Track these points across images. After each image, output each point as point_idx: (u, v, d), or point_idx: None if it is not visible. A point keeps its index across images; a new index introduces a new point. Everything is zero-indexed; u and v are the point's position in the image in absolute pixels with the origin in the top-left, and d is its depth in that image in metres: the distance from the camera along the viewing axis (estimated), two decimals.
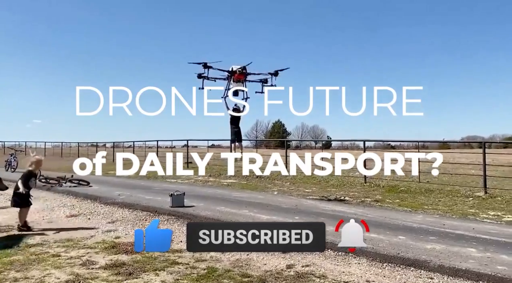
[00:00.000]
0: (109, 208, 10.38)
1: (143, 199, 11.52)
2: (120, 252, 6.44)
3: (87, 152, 34.85)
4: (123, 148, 35.02)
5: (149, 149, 30.50)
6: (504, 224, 8.45)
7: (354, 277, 5.31)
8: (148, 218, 9.16)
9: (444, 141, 26.23)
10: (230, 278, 5.23)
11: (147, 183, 16.45)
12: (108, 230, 8.11)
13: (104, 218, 9.39)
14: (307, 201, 11.57)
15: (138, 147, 32.76)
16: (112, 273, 5.38)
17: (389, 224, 8.28)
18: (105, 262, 5.90)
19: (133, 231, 8.01)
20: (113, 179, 18.39)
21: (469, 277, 5.21)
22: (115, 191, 13.16)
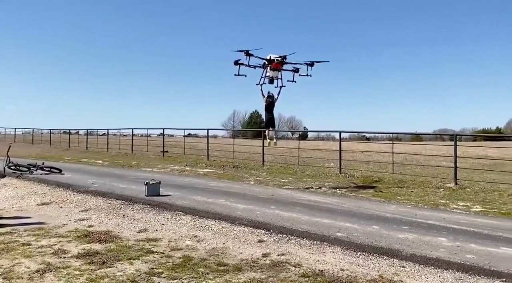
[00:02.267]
0: (82, 197, 10.16)
1: (117, 187, 11.32)
2: (94, 241, 6.32)
3: (60, 139, 34.03)
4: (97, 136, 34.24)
5: (124, 137, 30.01)
6: (473, 214, 8.72)
7: (329, 265, 5.38)
8: (123, 207, 9.02)
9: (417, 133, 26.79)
10: (206, 266, 5.21)
11: (122, 171, 16.18)
12: (81, 219, 7.94)
13: (77, 206, 9.19)
14: (283, 191, 11.64)
15: (113, 135, 32.16)
16: (85, 262, 5.28)
17: (363, 214, 8.42)
18: (77, 251, 5.78)
19: (106, 220, 7.88)
20: (86, 167, 18.02)
21: (439, 265, 5.36)
22: (88, 179, 12.88)
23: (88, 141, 30.20)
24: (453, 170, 13.03)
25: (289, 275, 4.97)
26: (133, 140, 26.01)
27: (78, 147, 30.48)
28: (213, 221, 7.65)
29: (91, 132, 34.59)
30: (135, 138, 26.84)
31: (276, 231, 6.96)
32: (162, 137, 24.92)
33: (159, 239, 6.53)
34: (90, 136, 32.43)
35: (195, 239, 6.56)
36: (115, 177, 13.91)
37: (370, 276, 4.97)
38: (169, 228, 7.29)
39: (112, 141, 28.61)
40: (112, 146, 27.61)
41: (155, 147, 24.55)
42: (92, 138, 32.63)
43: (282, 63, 11.92)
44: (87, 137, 31.18)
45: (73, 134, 38.08)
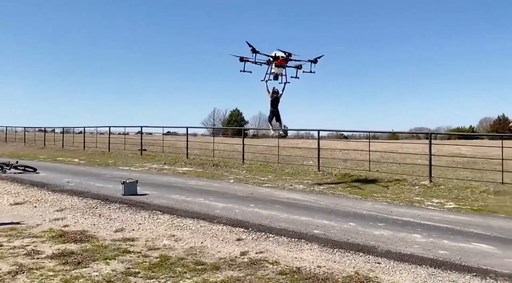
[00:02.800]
0: (57, 196, 9.95)
1: (93, 186, 11.14)
2: (69, 241, 6.21)
3: (35, 138, 33.22)
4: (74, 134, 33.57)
5: (101, 135, 29.51)
6: (446, 211, 8.95)
7: (306, 262, 5.44)
8: (99, 206, 8.88)
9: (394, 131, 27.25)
10: (184, 266, 5.19)
11: (98, 170, 15.92)
12: (56, 219, 7.78)
13: (52, 206, 8.99)
14: (263, 189, 11.68)
15: (90, 133, 31.58)
16: (59, 263, 5.18)
17: (340, 211, 8.53)
18: (51, 251, 5.67)
19: (82, 219, 7.75)
20: (62, 165, 17.66)
21: (413, 261, 5.49)
22: (64, 178, 12.62)
23: (64, 140, 29.55)
24: (428, 168, 13.33)
25: (266, 273, 5.00)
26: (110, 138, 25.58)
27: (54, 146, 29.81)
28: (191, 220, 7.62)
29: (67, 130, 33.92)
30: (112, 136, 26.41)
31: (255, 229, 6.98)
32: (140, 135, 24.61)
33: (136, 239, 6.46)
34: (66, 134, 31.77)
35: (172, 239, 6.52)
36: (92, 176, 13.68)
37: (346, 273, 5.05)
38: (146, 227, 7.22)
39: (88, 139, 28.08)
40: (89, 144, 27.11)
41: (133, 146, 24.24)
42: (69, 136, 31.94)
43: (286, 60, 12.15)
44: (63, 135, 30.54)
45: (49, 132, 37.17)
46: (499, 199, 10.38)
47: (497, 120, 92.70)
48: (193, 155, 20.62)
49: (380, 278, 4.89)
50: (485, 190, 11.48)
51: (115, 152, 23.92)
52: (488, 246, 6.09)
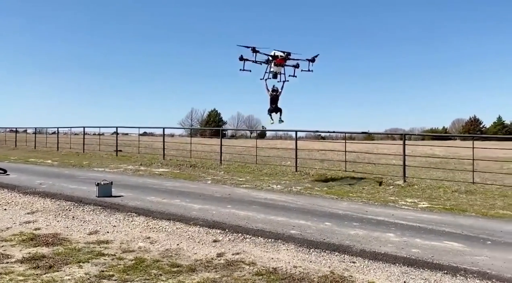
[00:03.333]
0: (28, 198, 9.67)
1: (67, 188, 10.88)
2: (40, 245, 6.04)
3: (5, 138, 32.23)
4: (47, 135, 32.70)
5: (75, 135, 28.89)
6: (419, 210, 9.15)
7: (282, 263, 5.46)
8: (73, 208, 8.68)
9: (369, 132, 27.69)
10: (159, 268, 5.13)
11: (72, 171, 15.56)
12: (26, 222, 7.56)
13: (22, 208, 8.74)
14: (240, 189, 11.66)
15: (63, 134, 30.87)
16: (30, 267, 5.04)
17: (317, 211, 8.61)
18: (22, 255, 5.51)
19: (54, 222, 7.56)
20: (34, 167, 17.18)
21: (387, 260, 5.58)
22: (36, 180, 12.28)
23: (36, 140, 28.79)
24: (402, 168, 13.61)
25: (243, 274, 4.99)
26: (84, 139, 25.07)
27: (26, 147, 29.00)
28: (167, 222, 7.53)
29: (40, 130, 33.02)
30: (87, 137, 25.89)
31: (232, 231, 6.96)
32: (115, 135, 24.21)
33: (110, 241, 6.35)
34: (39, 135, 30.94)
35: (148, 241, 6.43)
36: (65, 177, 13.36)
37: (322, 272, 5.09)
38: (121, 229, 7.11)
39: (62, 140, 27.46)
40: (63, 145, 26.50)
41: (108, 146, 23.82)
42: (41, 137, 31.11)
43: (285, 59, 12.62)
44: (36, 136, 29.72)
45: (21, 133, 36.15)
46: (470, 198, 10.69)
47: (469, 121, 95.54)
48: (170, 156, 20.43)
49: (355, 277, 4.96)
50: (457, 190, 11.80)
51: (90, 153, 23.46)
52: (458, 244, 6.26)
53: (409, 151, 15.91)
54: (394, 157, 18.63)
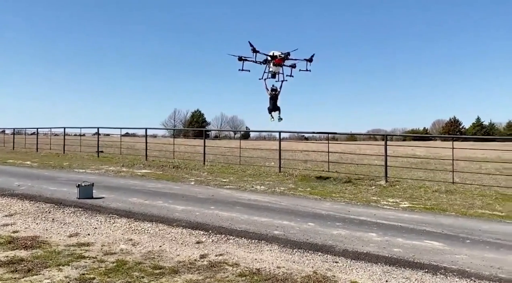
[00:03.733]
0: (6, 200, 9.43)
1: (46, 190, 10.66)
2: (18, 248, 5.90)
3: None
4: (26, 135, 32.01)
5: (56, 136, 28.37)
6: (401, 210, 9.28)
7: (266, 263, 5.46)
8: (52, 210, 8.51)
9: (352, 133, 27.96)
10: (141, 270, 5.07)
11: (52, 172, 15.26)
12: (4, 224, 7.37)
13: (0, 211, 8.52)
14: (224, 190, 11.63)
15: (43, 134, 30.27)
16: (8, 271, 4.91)
17: (300, 212, 8.64)
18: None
19: (33, 224, 7.39)
20: (13, 168, 16.79)
21: (369, 259, 5.64)
22: (14, 182, 12.00)
23: (15, 141, 28.15)
24: (384, 168, 13.78)
25: (226, 275, 4.97)
26: (65, 139, 24.63)
27: (4, 147, 28.34)
28: (149, 224, 7.45)
29: (19, 131, 32.29)
30: (67, 138, 25.44)
31: (215, 232, 6.93)
32: (97, 136, 23.85)
33: (91, 244, 6.24)
34: (17, 136, 30.25)
35: (130, 243, 6.35)
36: (45, 179, 13.10)
37: (305, 273, 5.11)
38: (103, 231, 7.00)
39: (42, 140, 26.92)
40: (42, 146, 25.98)
41: (90, 147, 23.48)
42: (20, 137, 30.45)
43: (284, 59, 13.03)
44: (14, 137, 29.06)
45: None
46: (450, 198, 10.89)
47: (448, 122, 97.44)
48: (153, 157, 20.24)
49: (338, 277, 4.99)
50: (437, 190, 12.01)
51: (71, 154, 23.06)
52: (439, 243, 6.37)
53: (391, 151, 16.12)
54: (376, 158, 18.84)
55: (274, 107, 13.26)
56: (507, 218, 8.57)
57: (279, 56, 12.88)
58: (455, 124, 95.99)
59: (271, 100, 13.24)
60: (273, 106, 13.26)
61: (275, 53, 12.90)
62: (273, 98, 13.23)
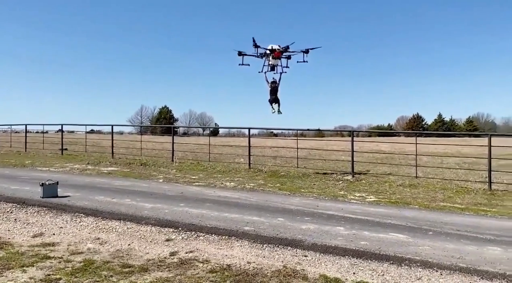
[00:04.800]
0: None
1: (7, 189, 10.26)
2: None
3: None
4: None
5: (16, 133, 27.27)
6: (367, 204, 9.53)
7: (236, 259, 5.49)
8: (14, 210, 8.21)
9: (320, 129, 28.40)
10: (110, 269, 4.99)
11: (13, 171, 14.69)
12: None
13: None
14: (193, 188, 11.56)
15: (3, 132, 29.03)
16: None
17: (270, 207, 8.73)
18: None
19: None
20: None
21: (337, 253, 5.78)
22: None
23: None
24: (351, 163, 14.09)
25: (197, 272, 4.97)
26: (26, 137, 23.71)
27: None
28: (117, 222, 7.32)
29: None
30: (29, 135, 24.52)
31: (185, 229, 6.90)
32: (60, 133, 23.12)
33: (57, 243, 6.08)
34: None
35: (97, 242, 6.22)
36: (5, 178, 12.59)
37: (275, 267, 5.18)
38: (69, 231, 6.82)
39: (1, 138, 25.82)
40: (2, 144, 24.90)
41: (53, 145, 22.71)
42: None
43: (282, 52, 13.76)
44: None
45: None
46: (413, 192, 11.28)
47: (412, 119, 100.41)
48: (119, 155, 19.83)
49: (307, 271, 5.09)
50: (402, 184, 12.42)
51: (33, 152, 22.23)
52: (403, 236, 6.60)
53: (357, 147, 16.50)
54: (343, 153, 19.21)
55: (275, 99, 13.96)
56: (467, 210, 8.98)
57: (277, 49, 13.56)
58: (418, 120, 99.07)
59: (272, 92, 13.94)
60: (273, 98, 13.95)
61: (273, 46, 13.61)
62: (274, 90, 13.92)
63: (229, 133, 62.67)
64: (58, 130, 24.94)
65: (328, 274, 4.97)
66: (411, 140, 20.28)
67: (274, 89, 13.95)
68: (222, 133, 68.79)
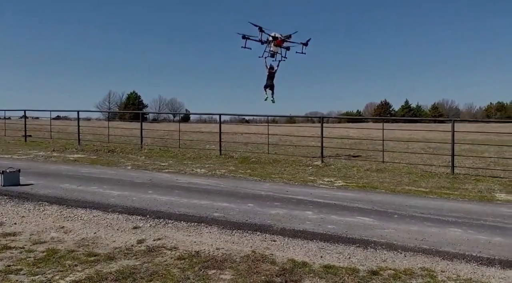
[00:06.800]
0: None
1: None
2: None
3: None
4: None
5: None
6: (335, 189, 9.69)
7: (205, 246, 5.47)
8: None
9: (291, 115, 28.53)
10: (74, 258, 4.85)
11: None
12: None
13: None
14: (163, 174, 11.40)
15: None
16: None
17: (240, 193, 8.73)
18: None
19: None
20: None
21: (305, 237, 5.85)
22: None
23: None
24: (320, 149, 14.26)
25: (164, 259, 4.92)
26: None
27: None
28: (83, 210, 7.14)
29: None
30: None
31: (153, 216, 6.80)
32: (23, 119, 22.22)
33: (18, 233, 5.86)
34: None
35: (62, 231, 6.05)
36: None
37: (244, 253, 5.19)
38: (31, 220, 6.59)
39: None
40: None
41: (16, 131, 21.85)
42: None
43: (283, 41, 14.47)
44: None
45: None
46: (380, 176, 11.55)
47: (380, 105, 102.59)
48: (86, 141, 19.30)
49: (275, 255, 5.13)
50: (369, 169, 12.69)
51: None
52: (369, 219, 6.75)
53: (327, 133, 16.70)
54: (313, 139, 19.42)
55: (270, 85, 14.82)
56: (430, 194, 9.27)
57: (280, 37, 14.28)
58: (385, 107, 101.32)
59: (269, 77, 14.75)
60: (269, 84, 14.80)
61: (276, 34, 14.34)
62: (271, 76, 14.74)
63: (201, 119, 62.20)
64: (21, 116, 23.93)
65: (296, 258, 5.03)
66: (378, 126, 20.70)
67: (271, 74, 14.72)
68: (193, 119, 68.17)
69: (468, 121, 64.81)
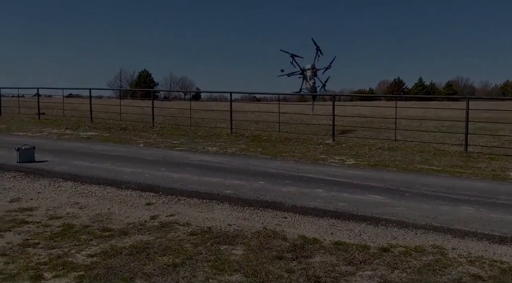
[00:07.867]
0: None
1: None
2: None
3: None
4: None
5: None
6: (346, 167, 9.67)
7: (217, 222, 5.55)
8: None
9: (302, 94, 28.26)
10: (89, 233, 4.97)
11: None
12: None
13: None
14: (174, 152, 11.49)
15: None
16: None
17: (251, 171, 8.77)
18: None
19: None
20: None
21: (316, 214, 5.89)
22: None
23: None
24: (332, 127, 14.18)
25: (177, 234, 5.01)
26: (1, 101, 22.96)
27: None
28: (97, 187, 7.27)
29: None
30: (4, 99, 23.73)
31: (166, 193, 6.90)
32: (37, 97, 22.44)
33: (35, 208, 6.01)
34: None
35: (77, 206, 6.18)
36: None
37: (255, 229, 5.26)
38: (47, 196, 6.74)
39: None
40: None
41: (30, 109, 22.08)
42: None
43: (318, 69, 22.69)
44: None
45: None
46: (392, 155, 11.48)
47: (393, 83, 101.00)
48: (99, 119, 19.47)
49: (286, 231, 5.18)
50: (381, 147, 12.60)
51: (8, 117, 21.62)
52: (381, 197, 6.74)
53: (338, 111, 16.55)
54: (325, 118, 19.27)
55: None
56: (443, 172, 9.20)
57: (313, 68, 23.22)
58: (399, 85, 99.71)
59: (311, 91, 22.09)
60: None
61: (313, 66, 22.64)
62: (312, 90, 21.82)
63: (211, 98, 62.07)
64: (35, 94, 24.17)
65: (307, 235, 5.07)
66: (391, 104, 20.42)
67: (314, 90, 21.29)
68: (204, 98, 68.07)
69: (483, 98, 63.60)
